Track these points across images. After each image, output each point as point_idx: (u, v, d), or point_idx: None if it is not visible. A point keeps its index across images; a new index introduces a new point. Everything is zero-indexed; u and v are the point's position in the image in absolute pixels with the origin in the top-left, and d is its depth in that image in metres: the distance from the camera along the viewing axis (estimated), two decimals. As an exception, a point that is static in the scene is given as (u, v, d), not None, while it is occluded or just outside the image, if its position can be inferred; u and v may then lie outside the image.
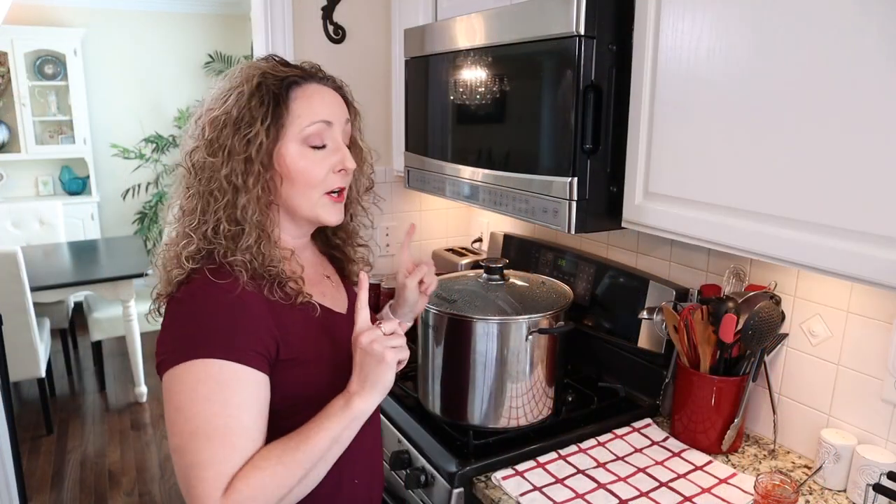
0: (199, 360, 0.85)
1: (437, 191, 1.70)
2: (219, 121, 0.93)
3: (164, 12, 5.18)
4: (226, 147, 0.92)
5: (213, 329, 0.87)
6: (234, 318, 0.88)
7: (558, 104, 1.25)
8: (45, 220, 4.41)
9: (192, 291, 0.91)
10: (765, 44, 0.99)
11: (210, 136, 0.93)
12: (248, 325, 0.89)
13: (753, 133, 1.02)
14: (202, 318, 0.88)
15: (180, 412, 0.84)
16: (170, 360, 0.86)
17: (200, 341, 0.86)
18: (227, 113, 0.93)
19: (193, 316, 0.89)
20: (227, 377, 0.85)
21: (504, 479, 1.23)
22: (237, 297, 0.90)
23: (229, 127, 0.92)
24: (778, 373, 1.39)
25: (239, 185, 0.92)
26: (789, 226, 0.99)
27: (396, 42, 2.08)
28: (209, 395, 0.84)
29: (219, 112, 0.93)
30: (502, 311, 1.35)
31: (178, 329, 0.89)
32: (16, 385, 3.82)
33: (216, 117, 0.93)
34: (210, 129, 0.93)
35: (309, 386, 0.95)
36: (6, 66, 4.65)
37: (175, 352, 0.86)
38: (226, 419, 0.84)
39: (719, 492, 1.20)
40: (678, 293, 1.49)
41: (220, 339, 0.86)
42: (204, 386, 0.84)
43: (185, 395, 0.84)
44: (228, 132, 0.92)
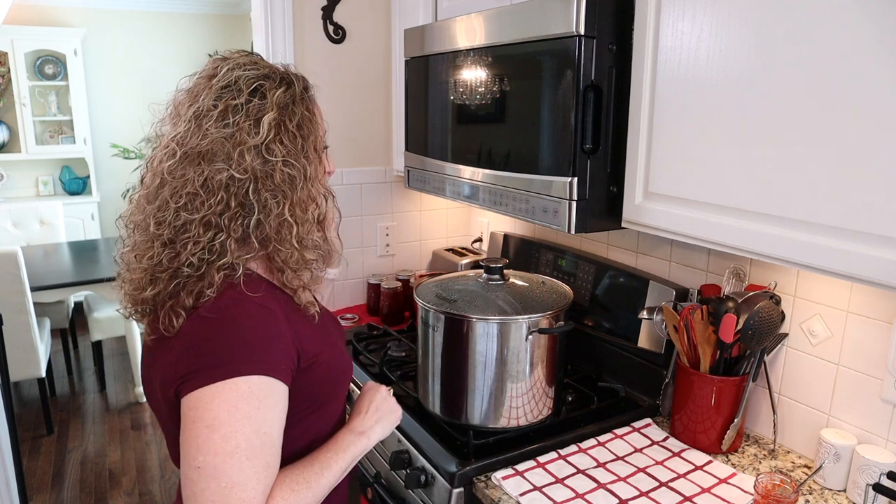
0: (241, 378, 0.82)
1: (437, 191, 1.70)
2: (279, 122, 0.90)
3: (164, 12, 5.19)
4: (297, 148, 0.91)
5: (250, 344, 0.85)
6: (267, 331, 0.87)
7: (558, 104, 1.25)
8: (45, 220, 4.41)
9: (225, 306, 0.86)
10: (764, 44, 0.99)
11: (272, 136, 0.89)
12: (278, 337, 0.88)
13: (753, 133, 1.02)
14: (238, 334, 0.85)
15: (216, 431, 0.80)
16: (201, 379, 0.82)
17: (238, 357, 0.83)
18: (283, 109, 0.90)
19: (228, 331, 0.85)
20: (265, 393, 0.84)
21: (504, 479, 1.23)
22: (269, 309, 0.88)
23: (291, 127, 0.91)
24: (778, 373, 1.39)
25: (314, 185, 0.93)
26: (789, 226, 0.99)
27: (396, 42, 2.08)
28: (250, 413, 0.82)
29: (274, 113, 0.89)
30: (502, 311, 1.35)
31: (210, 345, 0.85)
32: (16, 385, 3.82)
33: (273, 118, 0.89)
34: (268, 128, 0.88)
35: (316, 388, 0.96)
36: (6, 66, 4.66)
37: (208, 369, 0.82)
38: (262, 437, 0.83)
39: (719, 492, 1.21)
40: (678, 293, 1.49)
41: (258, 354, 0.84)
42: (245, 404, 0.82)
43: (224, 413, 0.80)
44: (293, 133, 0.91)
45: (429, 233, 2.46)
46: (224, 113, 0.88)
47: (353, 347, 1.82)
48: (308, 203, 0.92)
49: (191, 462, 0.80)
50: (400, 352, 1.77)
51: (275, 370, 0.85)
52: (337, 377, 1.01)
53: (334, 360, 0.99)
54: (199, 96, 0.90)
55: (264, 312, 0.87)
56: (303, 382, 0.92)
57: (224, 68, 0.91)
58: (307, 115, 0.93)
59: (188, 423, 0.82)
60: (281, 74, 0.94)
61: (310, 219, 0.93)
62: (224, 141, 0.87)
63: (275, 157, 0.88)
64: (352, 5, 2.16)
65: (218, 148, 0.88)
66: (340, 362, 1.02)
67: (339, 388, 1.03)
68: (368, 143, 2.27)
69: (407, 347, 1.79)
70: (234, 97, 0.89)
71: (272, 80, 0.92)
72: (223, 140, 0.87)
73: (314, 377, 0.94)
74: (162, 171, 0.90)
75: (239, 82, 0.90)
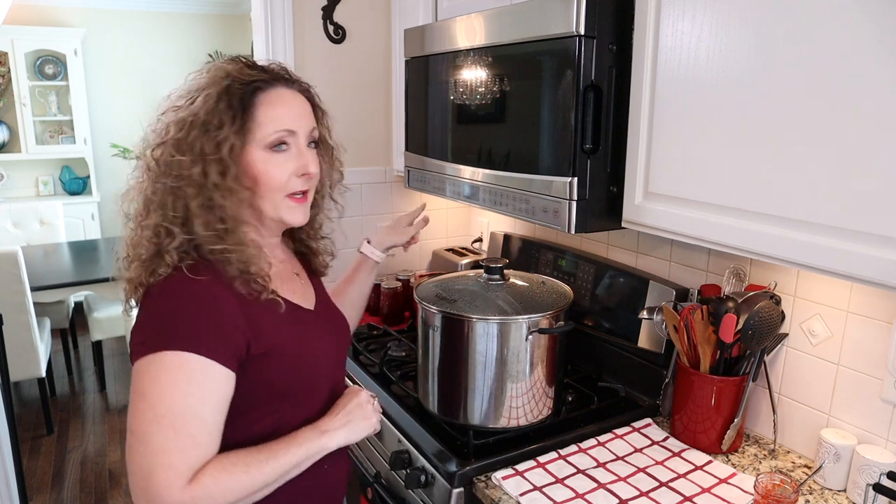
0: (170, 352, 0.88)
1: (437, 191, 1.70)
2: (185, 122, 0.95)
3: (164, 12, 5.19)
4: (195, 147, 0.94)
5: (186, 324, 0.90)
6: (207, 315, 0.91)
7: (558, 104, 1.25)
8: (45, 220, 4.41)
9: (171, 286, 0.93)
10: (764, 44, 0.99)
11: (177, 136, 0.95)
12: (220, 322, 0.92)
13: (753, 133, 1.02)
14: (177, 313, 0.91)
15: (144, 398, 0.87)
16: (142, 350, 0.89)
17: (173, 334, 0.89)
18: (195, 115, 0.94)
19: (169, 310, 0.92)
20: (194, 369, 0.88)
21: (504, 479, 1.23)
22: (212, 294, 0.93)
23: (197, 129, 0.94)
24: (778, 373, 1.39)
25: (216, 182, 0.94)
26: (789, 226, 0.99)
27: (396, 42, 2.08)
28: (175, 384, 0.87)
29: (185, 113, 0.95)
30: (502, 311, 1.35)
31: (153, 321, 0.92)
32: (16, 385, 3.82)
33: (183, 118, 0.95)
34: (175, 128, 0.95)
35: (277, 378, 0.98)
36: (6, 66, 4.66)
37: (148, 342, 0.89)
38: (188, 410, 0.87)
39: (719, 491, 1.21)
40: (678, 293, 1.49)
41: (192, 334, 0.89)
42: (171, 375, 0.87)
43: (152, 382, 0.87)
44: (197, 134, 0.94)
45: (429, 233, 2.46)
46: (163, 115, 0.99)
47: (354, 347, 1.82)
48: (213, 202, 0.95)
49: (128, 426, 0.88)
50: (400, 352, 1.77)
51: (210, 351, 0.89)
52: (309, 370, 1.03)
53: (307, 354, 1.02)
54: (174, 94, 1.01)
55: (206, 296, 0.92)
56: (260, 368, 0.96)
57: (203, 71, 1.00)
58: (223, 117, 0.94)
59: (131, 391, 0.89)
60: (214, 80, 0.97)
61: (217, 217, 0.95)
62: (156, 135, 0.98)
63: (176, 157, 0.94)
64: (352, 5, 2.16)
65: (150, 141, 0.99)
66: (315, 356, 1.04)
67: (315, 382, 1.05)
68: (368, 143, 2.27)
69: (407, 347, 1.79)
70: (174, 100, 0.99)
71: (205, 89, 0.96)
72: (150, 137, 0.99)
73: (274, 366, 0.97)
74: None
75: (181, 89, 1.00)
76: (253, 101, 0.97)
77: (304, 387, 1.03)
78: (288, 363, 0.99)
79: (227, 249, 0.95)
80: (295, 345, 1.01)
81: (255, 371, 0.95)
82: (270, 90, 0.99)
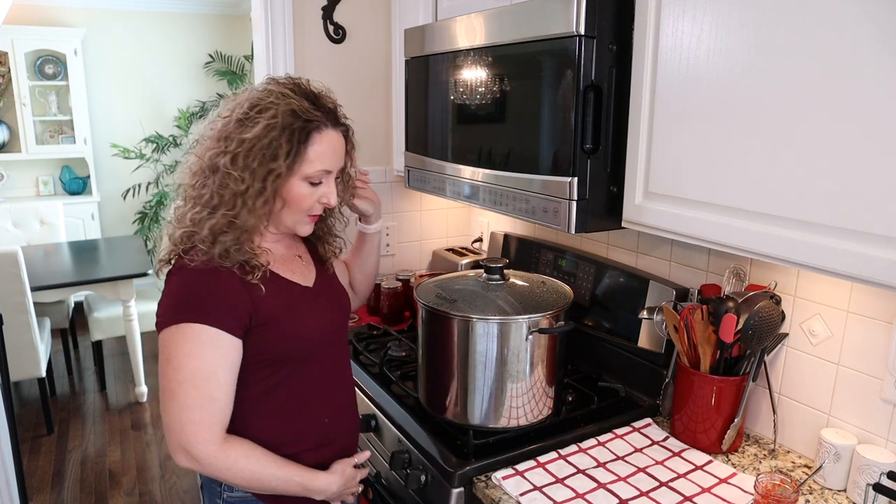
0: (186, 324, 1.05)
1: (437, 191, 1.70)
2: (248, 143, 1.07)
3: (164, 12, 5.18)
4: (249, 168, 1.08)
5: (200, 300, 1.07)
6: (217, 293, 1.08)
7: (558, 104, 1.25)
8: (45, 220, 4.42)
9: (187, 269, 1.09)
10: (765, 43, 0.99)
11: (236, 151, 1.08)
12: (227, 298, 1.08)
13: (754, 132, 1.02)
14: (189, 290, 1.08)
15: (170, 363, 1.05)
16: (164, 322, 1.07)
17: (187, 308, 1.06)
18: (258, 139, 1.07)
19: (183, 287, 1.09)
20: (207, 338, 1.06)
21: (504, 479, 1.23)
22: (220, 275, 1.09)
23: (255, 152, 1.07)
24: (778, 373, 1.39)
25: (248, 202, 1.09)
26: (789, 226, 0.99)
27: (396, 42, 2.08)
28: (194, 353, 1.05)
29: (251, 135, 1.07)
30: (502, 311, 1.35)
31: (172, 297, 1.09)
32: (16, 385, 3.83)
33: (246, 139, 1.07)
34: (236, 144, 1.08)
35: (274, 344, 1.14)
36: (6, 66, 4.66)
37: (169, 315, 1.07)
38: (206, 373, 1.05)
39: (719, 491, 1.21)
40: (678, 293, 1.49)
41: (205, 309, 1.06)
42: (189, 343, 1.05)
43: (174, 349, 1.05)
44: (254, 156, 1.07)
45: (429, 233, 2.46)
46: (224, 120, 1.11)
47: (354, 347, 1.82)
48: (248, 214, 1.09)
49: (161, 387, 1.07)
50: (400, 352, 1.77)
51: (220, 322, 1.06)
52: (302, 338, 1.18)
53: (300, 324, 1.18)
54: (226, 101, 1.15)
55: (215, 275, 1.09)
56: (260, 336, 1.12)
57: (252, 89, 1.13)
58: (280, 150, 1.08)
59: (160, 356, 1.08)
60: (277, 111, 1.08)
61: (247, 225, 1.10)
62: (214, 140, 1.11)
63: (232, 169, 1.08)
64: (352, 5, 2.16)
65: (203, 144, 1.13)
66: (308, 326, 1.19)
67: (310, 349, 1.20)
68: (368, 142, 2.27)
69: (407, 347, 1.79)
70: (236, 111, 1.10)
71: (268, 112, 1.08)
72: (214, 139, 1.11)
73: (270, 334, 1.13)
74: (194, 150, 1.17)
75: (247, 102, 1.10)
76: (308, 140, 1.11)
77: (300, 352, 1.18)
78: (282, 331, 1.14)
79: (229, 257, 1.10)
80: (289, 316, 1.16)
81: (256, 338, 1.12)
82: (324, 131, 1.13)
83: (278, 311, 1.14)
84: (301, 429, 1.21)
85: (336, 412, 1.27)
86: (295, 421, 1.20)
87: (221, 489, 1.19)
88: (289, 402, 1.19)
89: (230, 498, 1.19)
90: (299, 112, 1.09)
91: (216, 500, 1.21)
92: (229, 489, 1.19)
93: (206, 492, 1.23)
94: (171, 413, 1.05)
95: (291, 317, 1.16)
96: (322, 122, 1.12)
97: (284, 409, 1.18)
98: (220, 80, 5.35)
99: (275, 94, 1.10)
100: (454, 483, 1.26)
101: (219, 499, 1.20)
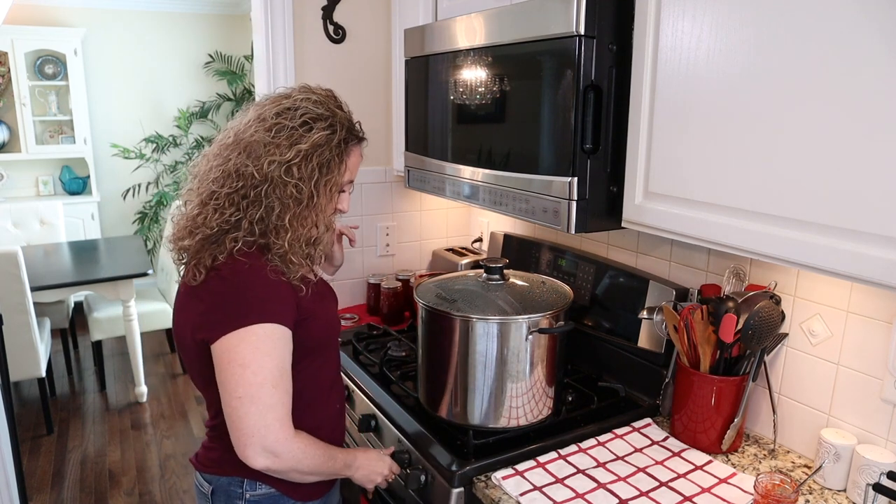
0: (257, 325, 1.06)
1: (437, 191, 1.70)
2: (306, 153, 1.11)
3: (164, 12, 5.18)
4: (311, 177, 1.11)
5: (262, 299, 1.08)
6: (274, 290, 1.10)
7: (558, 104, 1.25)
8: (45, 220, 4.42)
9: (241, 270, 1.09)
10: (765, 43, 0.99)
11: (296, 162, 1.10)
12: (282, 295, 1.10)
13: (754, 132, 1.02)
14: (254, 292, 1.08)
15: (247, 368, 1.05)
16: (226, 326, 1.06)
17: (255, 310, 1.07)
18: (315, 148, 1.11)
19: (245, 290, 1.08)
20: (277, 335, 1.08)
21: (504, 479, 1.23)
22: (272, 273, 1.10)
23: (314, 162, 1.11)
24: (778, 373, 1.39)
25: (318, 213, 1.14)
26: (789, 226, 0.99)
27: (396, 42, 2.08)
28: (269, 352, 1.06)
29: (307, 146, 1.10)
30: (502, 311, 1.35)
31: (229, 300, 1.08)
32: (16, 385, 3.83)
33: (303, 150, 1.10)
34: (294, 153, 1.10)
35: (309, 336, 1.17)
36: (6, 66, 4.66)
37: (231, 319, 1.06)
38: (280, 370, 1.08)
39: (719, 491, 1.21)
40: (678, 293, 1.49)
41: (268, 307, 1.08)
42: (264, 344, 1.06)
43: (250, 353, 1.05)
44: (314, 167, 1.11)
45: (429, 233, 2.46)
46: (275, 126, 1.11)
47: (353, 347, 1.82)
48: (305, 222, 1.12)
49: (232, 394, 1.05)
50: (400, 352, 1.77)
51: (282, 319, 1.09)
52: (327, 331, 1.24)
53: (326, 319, 1.23)
54: (268, 105, 1.15)
55: (269, 276, 1.10)
56: (301, 330, 1.15)
57: (299, 95, 1.16)
58: (335, 161, 1.14)
59: (223, 364, 1.06)
60: (334, 120, 1.15)
61: (303, 234, 1.13)
62: (263, 145, 1.10)
63: (290, 177, 1.10)
64: (352, 5, 2.16)
65: (255, 148, 1.11)
66: (331, 320, 1.26)
67: (330, 341, 1.26)
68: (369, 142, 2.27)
69: (407, 347, 1.79)
70: (288, 119, 1.12)
71: (323, 121, 1.13)
72: (262, 144, 1.10)
73: (310, 327, 1.16)
74: (221, 142, 1.16)
75: (299, 110, 1.13)
76: (349, 152, 1.18)
77: (323, 344, 1.23)
78: (317, 324, 1.19)
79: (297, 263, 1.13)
80: (321, 308, 1.21)
81: (298, 333, 1.14)
82: (357, 145, 1.21)
83: (314, 304, 1.18)
84: (321, 416, 1.25)
85: (343, 398, 1.35)
86: (317, 410, 1.24)
87: (244, 489, 1.19)
88: (312, 392, 1.22)
89: (253, 497, 1.19)
90: (346, 123, 1.17)
91: (236, 503, 1.20)
92: (252, 488, 1.18)
93: (222, 496, 1.20)
94: (251, 417, 1.04)
95: (322, 309, 1.22)
96: (358, 137, 1.20)
97: (310, 401, 1.22)
98: (219, 80, 5.35)
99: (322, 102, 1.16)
100: (454, 483, 1.26)
101: (240, 500, 1.19)
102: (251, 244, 1.11)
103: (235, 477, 1.19)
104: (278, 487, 1.19)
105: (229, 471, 1.18)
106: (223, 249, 1.09)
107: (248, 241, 1.10)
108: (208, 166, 1.15)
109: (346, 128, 1.16)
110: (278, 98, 1.17)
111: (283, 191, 1.10)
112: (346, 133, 1.16)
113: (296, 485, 1.20)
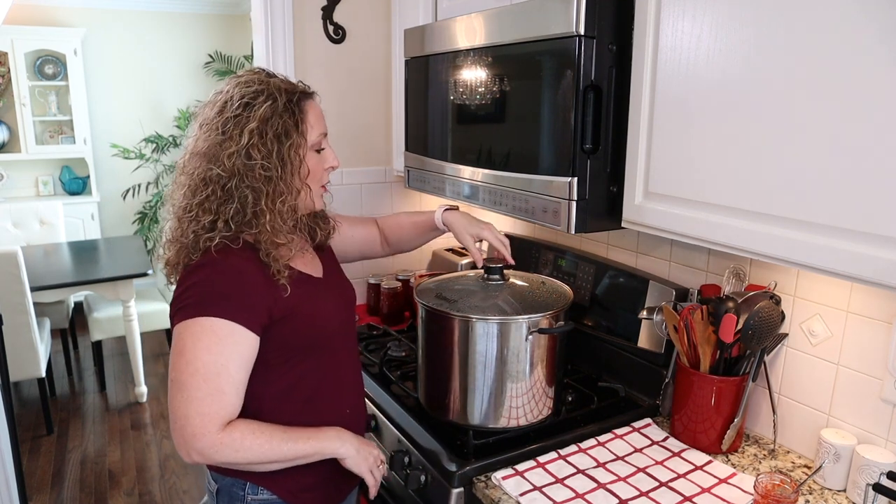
0: (204, 318, 1.05)
1: (437, 191, 1.70)
2: (257, 130, 1.09)
3: (164, 12, 5.19)
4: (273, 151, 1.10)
5: (217, 295, 1.07)
6: (234, 287, 1.08)
7: (558, 104, 1.25)
8: (45, 220, 4.41)
9: (205, 264, 1.09)
10: (765, 44, 0.99)
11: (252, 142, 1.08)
12: (245, 293, 1.09)
13: (754, 133, 1.02)
14: (211, 285, 1.08)
15: (183, 355, 1.05)
16: (182, 314, 1.07)
17: (207, 303, 1.06)
18: (265, 121, 1.09)
19: (204, 282, 1.08)
20: (224, 332, 1.06)
21: (504, 479, 1.23)
22: (238, 270, 1.09)
23: (271, 135, 1.10)
24: (778, 373, 1.39)
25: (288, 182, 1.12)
26: (789, 226, 0.99)
27: (396, 42, 2.08)
28: (210, 347, 1.05)
29: (255, 123, 1.09)
30: (502, 311, 1.35)
31: (191, 291, 1.08)
32: (16, 385, 3.82)
33: (253, 128, 1.08)
34: (248, 136, 1.08)
35: (295, 336, 1.16)
36: (6, 66, 4.66)
37: (187, 308, 1.07)
38: (218, 367, 1.05)
39: (719, 491, 1.21)
40: (678, 293, 1.49)
41: (222, 303, 1.06)
42: (207, 338, 1.05)
43: (191, 342, 1.05)
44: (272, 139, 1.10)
45: (429, 233, 2.45)
46: (221, 123, 1.11)
47: (353, 347, 1.82)
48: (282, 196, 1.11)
49: (169, 375, 1.07)
50: (400, 352, 1.77)
51: (239, 318, 1.07)
52: (319, 328, 1.20)
53: (318, 317, 1.20)
54: (206, 110, 1.15)
55: (235, 272, 1.09)
56: (281, 330, 1.13)
57: (228, 86, 1.14)
58: (290, 124, 1.12)
59: (172, 348, 1.08)
60: (270, 89, 1.12)
61: (284, 210, 1.12)
62: (217, 145, 1.10)
63: (253, 160, 1.09)
64: (352, 5, 2.16)
65: (212, 150, 1.11)
66: (324, 316, 1.22)
67: (326, 339, 1.22)
68: (368, 143, 2.27)
69: (407, 347, 1.79)
70: (229, 111, 1.11)
71: (261, 95, 1.11)
72: (217, 144, 1.10)
73: (291, 326, 1.14)
74: (182, 165, 1.16)
75: (234, 98, 1.11)
76: (303, 109, 1.15)
77: (317, 343, 1.20)
78: (302, 323, 1.16)
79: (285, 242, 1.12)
80: (307, 307, 1.17)
81: (277, 332, 1.13)
82: (309, 100, 1.18)
83: (297, 302, 1.15)
84: (325, 422, 1.21)
85: (354, 402, 1.31)
86: (319, 415, 1.21)
87: (245, 493, 1.18)
88: (312, 396, 1.20)
89: (254, 501, 1.19)
90: (284, 87, 1.13)
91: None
92: (254, 492, 1.18)
93: (225, 497, 1.20)
94: (177, 405, 1.04)
95: (309, 307, 1.18)
96: (304, 92, 1.17)
97: (308, 403, 1.20)
98: (219, 80, 5.34)
99: (254, 82, 1.12)
100: (454, 483, 1.26)
101: (241, 503, 1.19)
102: (233, 240, 1.10)
103: (238, 479, 1.18)
104: (281, 494, 1.18)
105: (231, 472, 1.18)
106: (198, 249, 1.11)
107: (225, 236, 1.10)
108: (176, 186, 1.16)
109: (285, 90, 1.13)
110: (213, 99, 1.16)
111: (251, 176, 1.09)
112: (288, 94, 1.13)
113: (299, 493, 1.20)
